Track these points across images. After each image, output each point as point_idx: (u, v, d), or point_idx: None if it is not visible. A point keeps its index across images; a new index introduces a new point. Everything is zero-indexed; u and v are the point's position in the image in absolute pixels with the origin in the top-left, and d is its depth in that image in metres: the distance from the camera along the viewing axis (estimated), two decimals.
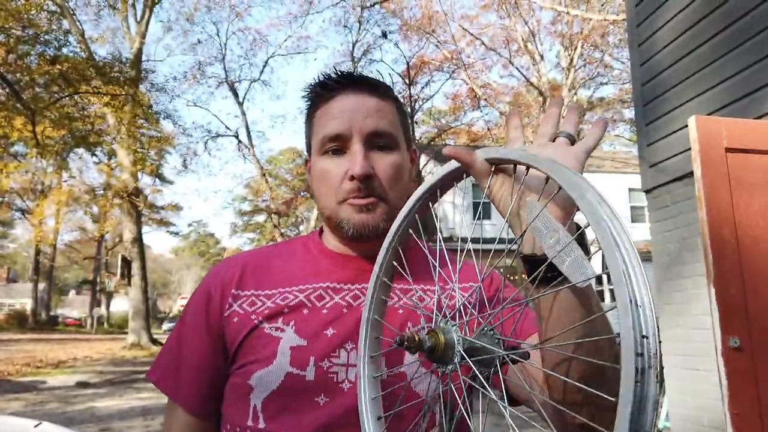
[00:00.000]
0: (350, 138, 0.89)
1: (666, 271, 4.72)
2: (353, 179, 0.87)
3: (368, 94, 0.91)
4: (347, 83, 0.92)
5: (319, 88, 0.94)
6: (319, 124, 0.93)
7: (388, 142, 0.91)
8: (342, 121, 0.89)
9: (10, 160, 23.57)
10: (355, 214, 0.89)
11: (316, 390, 0.83)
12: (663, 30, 4.84)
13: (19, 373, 13.05)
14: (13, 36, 14.43)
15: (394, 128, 0.93)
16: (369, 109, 0.90)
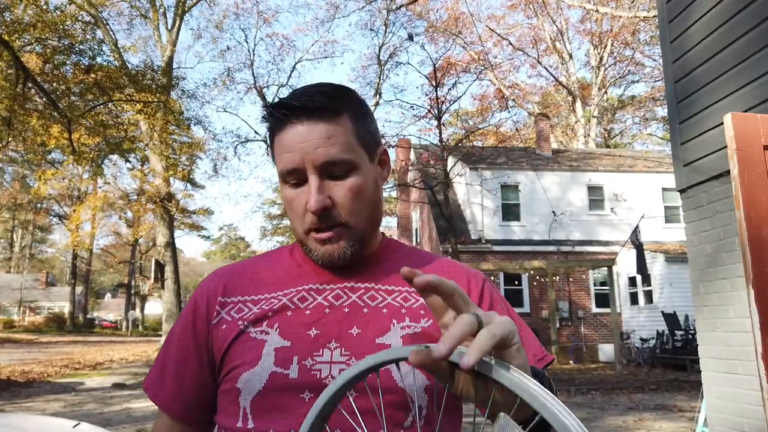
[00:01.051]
0: (304, 170, 0.89)
1: (703, 272, 4.62)
2: (311, 212, 0.89)
3: (315, 120, 0.88)
4: (293, 112, 0.89)
5: (270, 118, 0.93)
6: (277, 155, 0.92)
7: (343, 169, 0.89)
8: (294, 154, 0.88)
9: (48, 167, 24.27)
10: (320, 246, 0.91)
11: (301, 387, 0.85)
12: (696, 26, 4.74)
13: (59, 374, 13.40)
14: (50, 46, 14.84)
15: (348, 151, 0.90)
16: (317, 140, 0.88)
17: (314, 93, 0.90)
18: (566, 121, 34.21)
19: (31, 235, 52.10)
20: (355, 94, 0.97)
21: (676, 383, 11.24)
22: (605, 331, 18.25)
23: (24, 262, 51.99)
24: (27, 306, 46.45)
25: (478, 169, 19.36)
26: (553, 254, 18.61)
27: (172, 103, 18.86)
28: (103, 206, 31.96)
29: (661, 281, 16.81)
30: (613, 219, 19.50)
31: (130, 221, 38.62)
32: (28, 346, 24.32)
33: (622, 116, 38.10)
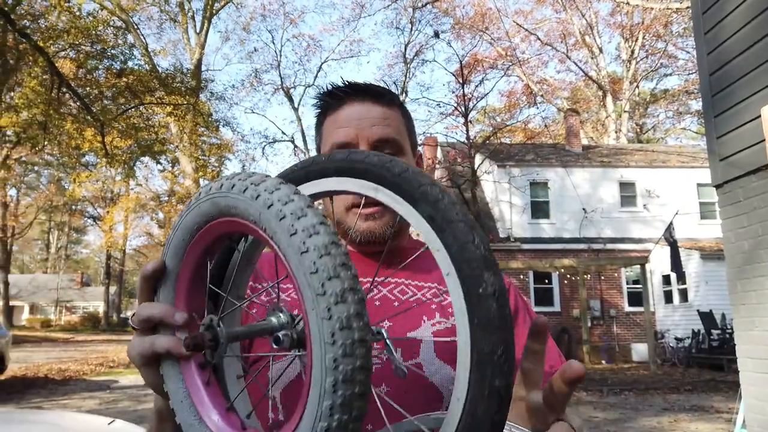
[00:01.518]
0: (357, 146, 0.92)
1: (740, 270, 4.49)
2: None
3: (373, 102, 0.95)
4: (353, 92, 0.96)
5: (327, 98, 0.98)
6: (327, 133, 0.96)
7: (394, 149, 0.94)
8: (349, 129, 0.92)
9: (82, 169, 24.85)
10: (362, 223, 0.93)
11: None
12: (731, 16, 4.61)
13: (94, 372, 13.71)
14: (83, 52, 15.20)
15: (400, 135, 0.96)
16: (375, 118, 0.93)
17: (374, 84, 0.98)
18: (596, 117, 33.68)
19: (66, 237, 53.48)
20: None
21: (713, 383, 10.97)
22: (638, 331, 17.92)
23: (60, 263, 53.39)
24: (63, 306, 47.68)
25: (506, 167, 19.18)
26: (583, 252, 18.33)
27: (201, 105, 19.15)
28: (135, 207, 32.65)
29: (697, 279, 16.43)
30: (645, 216, 19.12)
31: (162, 222, 39.31)
32: (65, 345, 24.96)
33: (655, 110, 37.36)
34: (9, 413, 4.38)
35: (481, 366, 0.49)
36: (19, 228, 39.15)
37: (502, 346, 0.48)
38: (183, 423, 0.61)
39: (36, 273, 53.81)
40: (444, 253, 0.52)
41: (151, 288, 0.65)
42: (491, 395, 0.48)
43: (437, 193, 0.54)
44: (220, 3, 24.12)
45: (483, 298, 0.49)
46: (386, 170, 0.56)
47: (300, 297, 0.47)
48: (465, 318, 0.50)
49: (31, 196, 42.54)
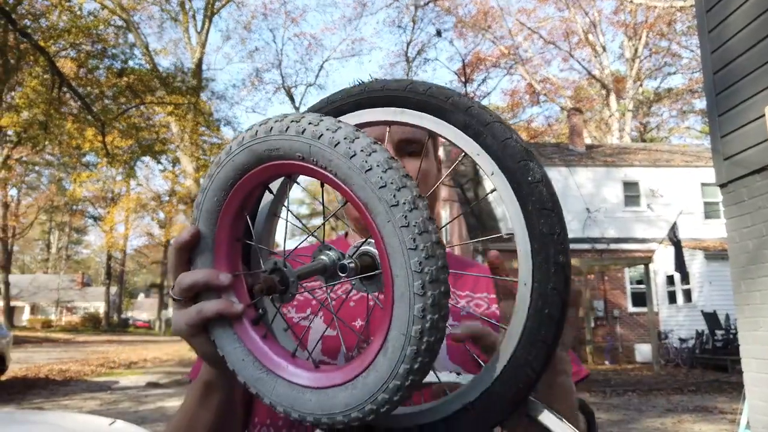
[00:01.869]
0: (382, 143, 0.89)
1: (744, 270, 4.46)
2: None
3: None
4: None
5: None
6: None
7: (418, 149, 0.95)
8: (372, 129, 0.90)
9: (83, 169, 24.87)
10: None
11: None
12: (735, 15, 4.57)
13: (94, 373, 13.71)
14: (84, 51, 15.19)
15: (424, 136, 0.95)
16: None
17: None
18: (600, 116, 33.61)
19: (67, 237, 53.56)
20: None
21: (717, 384, 10.92)
22: (642, 331, 17.86)
23: (60, 263, 53.48)
24: (64, 306, 47.76)
25: None
26: (587, 252, 18.27)
27: (202, 104, 19.15)
28: (136, 207, 32.67)
29: (701, 279, 16.37)
30: (649, 215, 19.07)
31: (163, 222, 39.36)
32: (65, 345, 24.98)
33: (659, 109, 37.28)
34: (10, 414, 4.36)
35: (544, 246, 0.52)
36: (19, 228, 39.21)
37: (558, 225, 0.53)
38: (249, 379, 0.62)
39: (37, 273, 53.91)
40: (485, 156, 0.54)
41: (186, 258, 0.65)
42: (557, 272, 0.52)
43: (467, 101, 0.56)
44: (221, 2, 24.11)
45: (533, 185, 0.53)
46: (410, 92, 0.58)
47: (368, 213, 0.49)
48: (517, 207, 0.53)
49: (31, 196, 42.63)
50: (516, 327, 0.54)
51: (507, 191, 0.54)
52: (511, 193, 0.53)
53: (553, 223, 0.52)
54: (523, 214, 0.53)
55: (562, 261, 0.52)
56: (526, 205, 0.53)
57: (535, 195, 0.52)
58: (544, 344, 0.53)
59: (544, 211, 0.52)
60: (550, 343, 0.53)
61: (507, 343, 0.56)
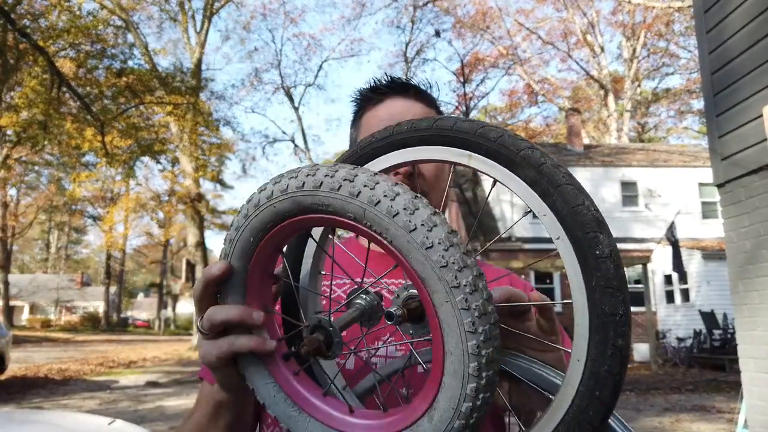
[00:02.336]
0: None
1: (741, 269, 4.47)
2: (398, 174, 0.91)
3: (415, 100, 0.96)
4: (396, 88, 0.97)
5: (369, 92, 0.99)
6: (367, 125, 0.97)
7: None
8: (390, 122, 0.90)
9: (82, 169, 24.85)
10: None
11: (357, 380, 0.84)
12: (733, 15, 4.59)
13: (94, 372, 13.70)
14: (83, 51, 15.18)
15: None
16: (416, 114, 0.94)
17: (415, 83, 1.00)
18: (598, 116, 33.64)
19: (66, 237, 53.50)
20: None
21: (715, 384, 10.95)
22: (640, 331, 17.88)
23: (60, 263, 53.42)
24: (63, 305, 47.70)
25: None
26: None
27: (201, 104, 19.15)
28: (136, 207, 32.62)
29: (698, 279, 16.40)
30: (647, 215, 19.11)
31: (162, 222, 39.33)
32: (65, 345, 24.96)
33: (657, 110, 37.31)
34: (9, 413, 4.37)
35: (603, 327, 0.50)
36: (19, 228, 39.16)
37: (622, 306, 0.50)
38: (280, 415, 0.62)
39: (36, 273, 53.83)
40: (552, 217, 0.53)
41: (213, 291, 0.64)
42: (614, 355, 0.50)
43: (539, 157, 0.54)
44: (220, 2, 24.11)
45: (600, 260, 0.50)
46: (480, 137, 0.56)
47: (423, 287, 0.49)
48: (580, 280, 0.51)
49: (31, 195, 42.55)
50: (562, 401, 0.52)
51: (572, 260, 0.52)
52: (576, 263, 0.51)
53: (617, 303, 0.50)
54: (585, 289, 0.51)
55: (620, 344, 0.50)
56: (590, 280, 0.50)
57: (602, 271, 0.50)
58: (590, 426, 0.51)
59: (609, 290, 0.50)
60: (597, 425, 0.51)
61: (550, 414, 0.53)
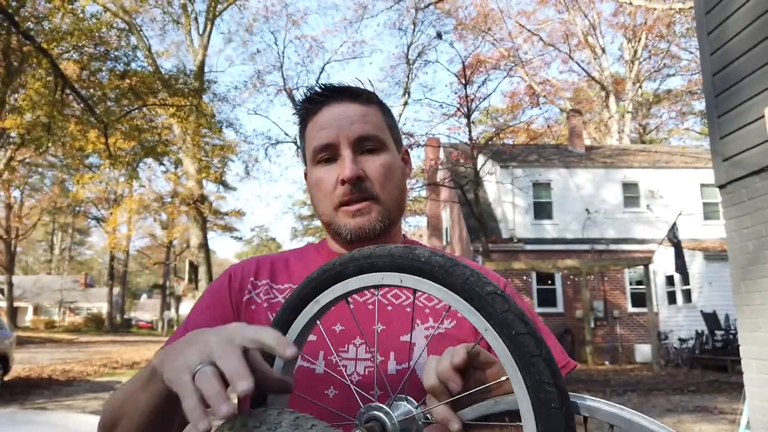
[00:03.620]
0: (339, 145, 0.93)
1: (744, 271, 4.48)
2: (344, 183, 0.91)
3: (351, 101, 0.95)
4: (331, 94, 0.96)
5: (306, 103, 0.98)
6: (309, 137, 0.97)
7: (376, 145, 0.95)
8: (330, 130, 0.93)
9: (86, 171, 24.91)
10: (350, 219, 0.93)
11: (326, 383, 0.85)
12: (734, 16, 4.60)
13: (97, 373, 13.73)
14: (86, 54, 15.23)
15: (380, 131, 0.96)
16: (353, 116, 0.94)
17: (346, 85, 0.99)
18: (599, 117, 33.62)
19: (70, 238, 53.63)
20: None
21: (717, 385, 10.94)
22: (642, 331, 17.87)
23: (64, 264, 53.53)
24: (67, 307, 47.79)
25: (509, 167, 19.17)
26: (587, 253, 18.29)
27: (204, 106, 19.16)
28: (139, 209, 32.66)
29: (700, 280, 16.39)
30: (649, 216, 19.09)
31: (165, 223, 39.38)
32: (68, 346, 24.99)
33: (658, 111, 37.28)
34: (13, 414, 4.40)
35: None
36: (23, 229, 39.23)
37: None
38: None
39: (40, 274, 53.95)
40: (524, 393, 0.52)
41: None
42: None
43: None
44: (223, 5, 24.16)
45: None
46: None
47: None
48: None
49: (35, 197, 42.65)
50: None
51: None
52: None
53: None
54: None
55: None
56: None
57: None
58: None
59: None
60: None
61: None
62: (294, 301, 0.69)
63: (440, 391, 0.63)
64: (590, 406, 0.55)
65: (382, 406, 0.60)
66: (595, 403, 0.55)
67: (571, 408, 0.52)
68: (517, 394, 0.52)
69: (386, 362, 0.89)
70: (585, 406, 0.55)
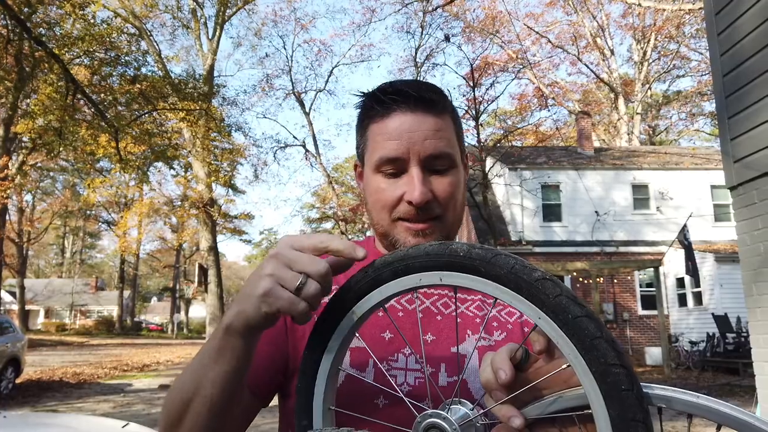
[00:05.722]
0: (408, 161, 0.87)
1: (756, 272, 4.45)
2: (411, 203, 0.86)
3: (426, 112, 0.88)
4: (404, 100, 0.88)
5: (374, 103, 0.90)
6: (374, 141, 0.90)
7: (447, 164, 0.89)
8: (400, 143, 0.86)
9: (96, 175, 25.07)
10: (410, 237, 0.88)
11: (376, 392, 0.83)
12: (744, 17, 4.58)
13: (108, 376, 13.82)
14: (97, 59, 15.35)
15: (452, 147, 0.90)
16: (427, 131, 0.87)
17: (424, 87, 0.90)
18: (608, 119, 33.47)
19: (81, 242, 54.01)
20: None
21: (728, 388, 10.84)
22: (652, 334, 17.76)
23: (75, 268, 53.90)
24: (78, 309, 48.10)
25: (518, 170, 19.13)
26: (596, 255, 18.21)
27: (213, 110, 19.28)
28: (149, 212, 32.87)
29: (711, 282, 16.27)
30: (659, 218, 18.98)
31: (175, 227, 39.58)
32: (79, 349, 25.16)
33: (668, 112, 37.07)
34: (25, 416, 4.44)
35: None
36: (34, 233, 39.56)
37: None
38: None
39: (51, 277, 54.35)
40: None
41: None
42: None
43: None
44: (232, 9, 24.30)
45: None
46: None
47: None
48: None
49: (46, 201, 43.02)
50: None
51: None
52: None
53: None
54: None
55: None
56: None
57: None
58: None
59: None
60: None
61: None
62: (328, 314, 0.67)
63: (495, 386, 0.61)
64: (664, 396, 0.52)
65: (440, 412, 0.58)
66: (668, 392, 0.52)
67: (641, 388, 0.50)
68: (582, 380, 0.50)
69: (437, 374, 0.86)
70: (658, 395, 0.52)
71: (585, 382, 0.50)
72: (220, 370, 0.70)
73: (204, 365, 0.72)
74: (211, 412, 0.73)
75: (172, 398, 0.77)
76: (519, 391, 0.60)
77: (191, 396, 0.74)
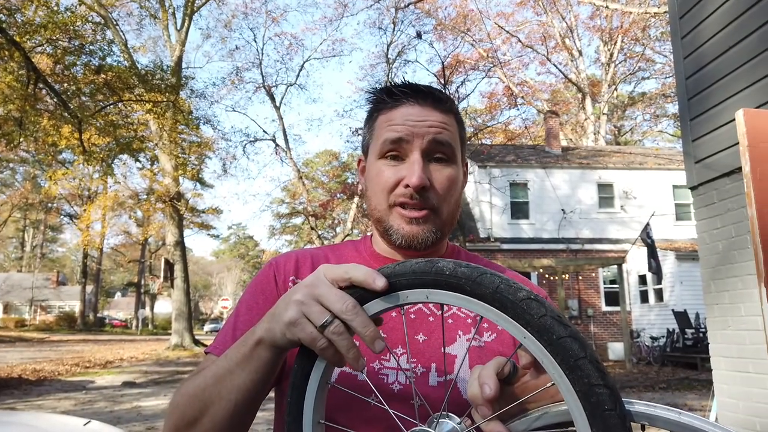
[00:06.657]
0: (410, 144, 0.90)
1: (714, 270, 4.58)
2: (408, 187, 0.88)
3: (433, 107, 0.92)
4: (413, 94, 0.92)
5: (384, 95, 0.95)
6: (380, 128, 0.94)
7: (448, 155, 0.92)
8: (405, 127, 0.90)
9: (59, 167, 24.44)
10: (405, 225, 0.90)
11: (368, 390, 0.84)
12: (707, 21, 4.70)
13: (69, 372, 13.50)
14: (60, 47, 14.91)
15: (454, 142, 0.93)
16: (433, 121, 0.91)
17: (434, 88, 0.95)
18: (576, 119, 34.02)
19: (42, 235, 52.54)
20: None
21: (687, 382, 11.16)
22: (615, 330, 18.15)
23: (35, 262, 52.44)
24: (38, 305, 46.86)
25: (487, 167, 19.31)
26: (562, 252, 18.53)
27: (181, 102, 18.91)
28: (113, 206, 32.13)
29: (672, 279, 16.70)
30: (623, 217, 19.38)
31: (140, 221, 38.82)
32: (39, 345, 24.53)
33: (633, 113, 37.86)
34: None
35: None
36: None
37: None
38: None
39: (10, 272, 52.77)
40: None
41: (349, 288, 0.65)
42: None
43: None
44: (201, 0, 23.89)
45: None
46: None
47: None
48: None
49: (5, 193, 41.74)
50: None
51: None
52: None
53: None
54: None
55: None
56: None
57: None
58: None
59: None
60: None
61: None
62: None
63: (481, 401, 0.61)
64: (647, 413, 0.52)
65: (427, 430, 0.59)
66: (650, 410, 0.52)
67: (624, 408, 0.50)
68: (566, 400, 0.51)
69: (427, 374, 0.87)
70: (641, 413, 0.53)
71: (569, 401, 0.51)
72: (247, 378, 0.72)
73: (231, 371, 0.73)
74: (232, 418, 0.74)
75: (190, 399, 0.77)
76: (505, 409, 0.61)
77: (213, 399, 0.74)
